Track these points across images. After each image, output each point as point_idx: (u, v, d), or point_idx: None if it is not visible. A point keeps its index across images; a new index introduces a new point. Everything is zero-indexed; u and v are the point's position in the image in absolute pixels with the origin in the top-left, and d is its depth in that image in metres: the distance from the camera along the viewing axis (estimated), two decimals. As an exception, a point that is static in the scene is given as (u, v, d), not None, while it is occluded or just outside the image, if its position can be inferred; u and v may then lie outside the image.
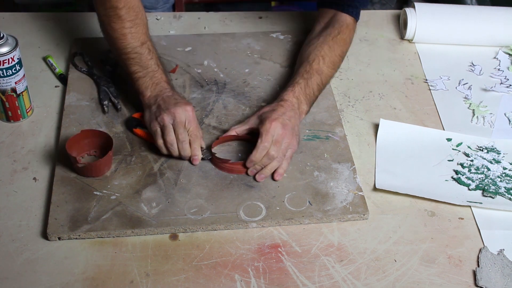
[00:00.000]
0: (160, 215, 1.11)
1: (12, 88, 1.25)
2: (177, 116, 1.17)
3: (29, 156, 1.22)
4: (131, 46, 1.25)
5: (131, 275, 1.04)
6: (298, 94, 1.26)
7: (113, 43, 1.27)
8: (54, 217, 1.10)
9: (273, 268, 1.06)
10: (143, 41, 1.27)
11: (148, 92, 1.24)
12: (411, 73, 1.48)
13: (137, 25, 1.26)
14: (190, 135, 1.19)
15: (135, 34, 1.26)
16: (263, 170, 1.18)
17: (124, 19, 1.24)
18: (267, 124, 1.18)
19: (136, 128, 1.25)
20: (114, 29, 1.25)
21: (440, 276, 1.06)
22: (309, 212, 1.14)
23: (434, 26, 1.54)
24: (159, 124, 1.19)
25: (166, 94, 1.22)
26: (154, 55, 1.28)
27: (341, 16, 1.40)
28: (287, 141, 1.19)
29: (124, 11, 1.24)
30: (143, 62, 1.25)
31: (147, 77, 1.25)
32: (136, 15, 1.26)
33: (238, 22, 1.60)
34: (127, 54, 1.26)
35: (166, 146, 1.18)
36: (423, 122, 1.35)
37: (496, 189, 1.21)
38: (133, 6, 1.25)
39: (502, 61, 1.53)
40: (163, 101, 1.21)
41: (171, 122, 1.18)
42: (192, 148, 1.19)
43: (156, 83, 1.24)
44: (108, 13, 1.24)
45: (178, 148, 1.18)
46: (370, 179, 1.22)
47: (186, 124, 1.18)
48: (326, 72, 1.33)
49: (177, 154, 1.19)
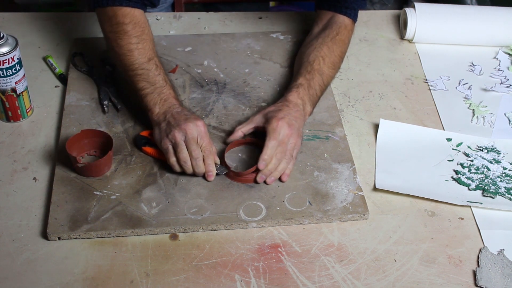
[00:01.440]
0: (160, 215, 1.11)
1: (12, 88, 1.25)
2: (189, 132, 1.15)
3: (29, 156, 1.22)
4: (138, 62, 1.23)
5: (131, 275, 1.04)
6: (303, 95, 1.26)
7: (120, 60, 1.25)
8: (54, 217, 1.10)
9: (273, 268, 1.06)
10: (150, 57, 1.25)
11: (156, 108, 1.21)
12: (411, 73, 1.48)
13: (144, 40, 1.25)
14: (204, 151, 1.16)
15: (142, 50, 1.24)
16: (273, 173, 1.17)
17: (130, 35, 1.23)
18: (274, 122, 1.18)
19: (146, 146, 1.22)
20: (120, 46, 1.24)
21: (440, 276, 1.06)
22: (309, 212, 1.14)
23: (434, 26, 1.54)
24: (171, 142, 1.16)
25: (175, 110, 1.20)
26: (161, 71, 1.25)
27: (338, 18, 1.40)
28: (293, 141, 1.19)
29: (131, 26, 1.23)
30: (150, 78, 1.23)
31: (155, 93, 1.22)
32: (143, 31, 1.25)
33: (238, 22, 1.60)
34: (134, 70, 1.24)
35: (179, 164, 1.16)
36: (423, 122, 1.35)
37: (496, 189, 1.21)
38: (139, 21, 1.24)
39: (502, 61, 1.53)
40: (172, 118, 1.18)
41: (183, 139, 1.15)
42: (206, 164, 1.16)
43: (164, 99, 1.22)
44: (114, 29, 1.23)
45: (192, 165, 1.16)
46: (370, 179, 1.22)
47: (199, 140, 1.15)
48: (327, 73, 1.33)
49: (191, 171, 1.16)
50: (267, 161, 1.16)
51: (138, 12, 1.25)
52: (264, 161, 1.16)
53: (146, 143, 1.22)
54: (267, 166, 1.16)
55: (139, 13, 1.25)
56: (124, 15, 1.23)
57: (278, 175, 1.18)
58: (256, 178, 1.17)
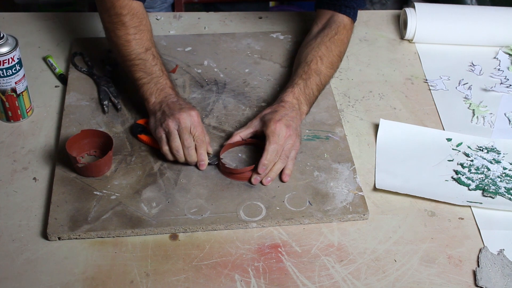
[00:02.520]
0: (160, 215, 1.11)
1: (12, 88, 1.25)
2: (182, 122, 1.16)
3: (29, 156, 1.22)
4: (135, 52, 1.25)
5: (131, 275, 1.04)
6: (298, 95, 1.26)
7: (118, 50, 1.27)
8: (54, 217, 1.10)
9: (273, 268, 1.06)
10: (148, 47, 1.26)
11: (152, 98, 1.23)
12: (411, 73, 1.48)
13: (142, 31, 1.26)
14: (196, 140, 1.18)
15: (139, 40, 1.25)
16: (269, 173, 1.17)
17: (128, 26, 1.24)
18: (272, 125, 1.18)
19: (141, 134, 1.24)
20: (118, 36, 1.25)
21: (440, 276, 1.06)
22: (309, 212, 1.14)
23: (434, 26, 1.54)
24: (164, 131, 1.18)
25: (171, 100, 1.21)
26: (158, 61, 1.27)
27: (338, 17, 1.40)
28: (291, 142, 1.19)
29: (128, 17, 1.24)
30: (147, 68, 1.25)
31: (151, 83, 1.24)
32: (140, 22, 1.26)
33: (238, 22, 1.60)
34: (131, 60, 1.25)
35: (172, 153, 1.18)
36: (423, 122, 1.35)
37: (496, 189, 1.21)
38: (137, 12, 1.25)
39: (502, 61, 1.53)
40: (167, 107, 1.20)
41: (176, 128, 1.17)
42: (198, 153, 1.18)
43: (160, 89, 1.23)
44: (112, 20, 1.24)
45: (184, 154, 1.17)
46: (370, 179, 1.22)
47: (192, 130, 1.17)
48: (325, 72, 1.33)
49: (183, 160, 1.18)
50: (268, 166, 1.16)
51: (136, 4, 1.25)
52: (265, 166, 1.16)
53: (142, 131, 1.24)
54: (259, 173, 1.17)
55: (137, 4, 1.25)
56: (122, 7, 1.23)
57: (274, 175, 1.18)
58: (251, 180, 1.17)
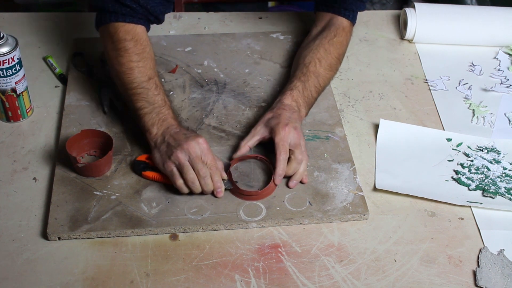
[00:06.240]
0: (160, 215, 1.11)
1: (12, 88, 1.25)
2: (192, 152, 1.11)
3: (29, 156, 1.22)
4: (137, 81, 1.21)
5: (131, 275, 1.04)
6: (297, 97, 1.26)
7: (120, 78, 1.23)
8: (54, 217, 1.10)
9: (273, 268, 1.06)
10: (150, 76, 1.22)
11: (154, 129, 1.17)
12: (411, 73, 1.48)
13: (145, 59, 1.23)
14: (210, 168, 1.12)
15: (142, 68, 1.22)
16: (294, 176, 1.17)
17: (131, 53, 1.21)
18: (281, 132, 1.17)
19: (146, 171, 1.17)
20: (121, 63, 1.22)
21: (440, 276, 1.06)
22: (309, 212, 1.14)
23: (434, 26, 1.54)
24: (174, 163, 1.12)
25: (173, 130, 1.16)
26: (161, 91, 1.22)
27: (337, 20, 1.40)
28: (303, 143, 1.19)
29: (132, 44, 1.21)
30: (149, 97, 1.20)
31: (153, 113, 1.18)
32: (144, 49, 1.23)
33: (238, 22, 1.60)
34: (133, 89, 1.21)
35: (187, 185, 1.12)
36: (423, 122, 1.35)
37: (496, 189, 1.21)
38: (141, 39, 1.23)
39: (502, 61, 1.53)
40: (172, 138, 1.14)
41: (187, 159, 1.11)
42: (214, 181, 1.13)
43: (162, 119, 1.18)
44: (116, 47, 1.22)
45: (201, 184, 1.12)
46: (370, 179, 1.22)
47: (203, 158, 1.12)
48: (324, 75, 1.33)
49: (200, 191, 1.13)
50: (282, 175, 1.16)
51: (141, 29, 1.23)
52: (280, 176, 1.15)
53: (146, 168, 1.17)
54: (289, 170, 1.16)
55: (141, 30, 1.24)
56: (126, 32, 1.21)
57: (299, 178, 1.18)
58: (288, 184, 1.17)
